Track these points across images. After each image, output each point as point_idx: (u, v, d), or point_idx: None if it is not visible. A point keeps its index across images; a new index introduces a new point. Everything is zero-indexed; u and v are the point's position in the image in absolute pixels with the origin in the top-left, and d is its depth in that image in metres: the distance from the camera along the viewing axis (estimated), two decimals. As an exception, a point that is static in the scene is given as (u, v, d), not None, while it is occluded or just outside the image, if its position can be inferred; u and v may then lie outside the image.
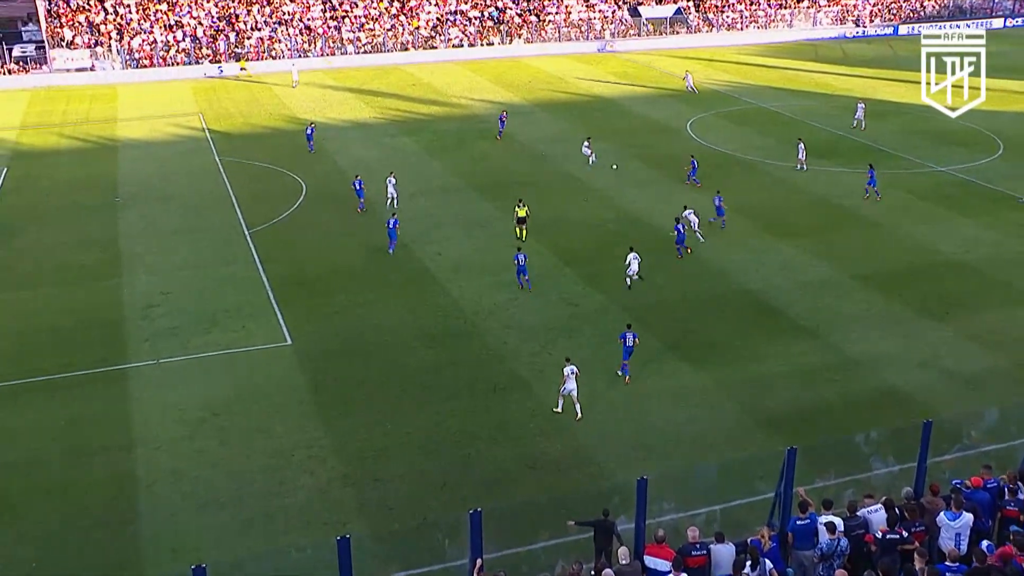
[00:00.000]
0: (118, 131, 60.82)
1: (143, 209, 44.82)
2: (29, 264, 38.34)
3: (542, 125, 60.28)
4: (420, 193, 45.73)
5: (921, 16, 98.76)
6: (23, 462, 24.76)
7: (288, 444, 25.28)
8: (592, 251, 38.31)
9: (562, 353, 29.69)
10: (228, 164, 51.89)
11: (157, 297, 34.68)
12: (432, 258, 38.00)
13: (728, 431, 25.94)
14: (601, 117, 62.12)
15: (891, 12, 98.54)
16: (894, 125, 58.59)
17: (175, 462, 24.57)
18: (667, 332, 31.43)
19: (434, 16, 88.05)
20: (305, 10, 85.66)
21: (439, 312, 33.31)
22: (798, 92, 69.05)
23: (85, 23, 79.84)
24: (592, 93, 70.08)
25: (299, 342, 31.03)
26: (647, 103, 65.84)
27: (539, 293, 34.45)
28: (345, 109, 65.67)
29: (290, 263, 37.79)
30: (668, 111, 63.07)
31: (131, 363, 29.82)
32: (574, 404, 26.48)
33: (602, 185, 47.16)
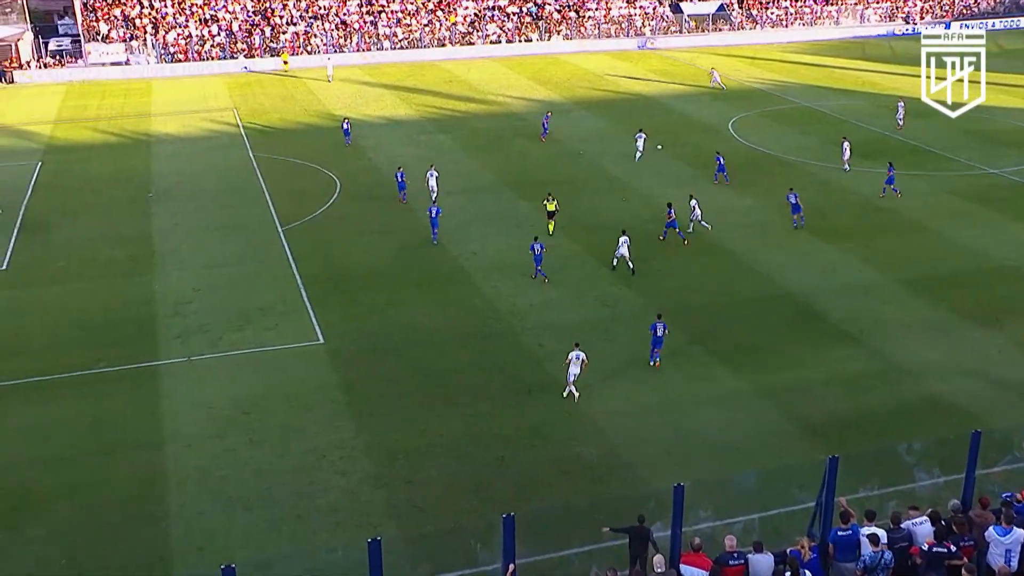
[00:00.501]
0: (152, 126, 61.56)
1: (176, 205, 45.32)
2: (61, 259, 38.89)
3: (580, 123, 60.17)
4: (456, 191, 45.79)
5: (975, 12, 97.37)
6: (52, 458, 25.09)
7: (319, 444, 25.42)
8: (631, 253, 38.07)
9: (599, 355, 29.61)
10: (262, 160, 52.33)
11: (189, 294, 35.04)
12: (467, 257, 38.06)
13: (767, 438, 25.71)
14: (641, 116, 61.79)
15: (943, 8, 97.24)
16: (943, 125, 57.76)
17: (204, 460, 24.79)
18: (705, 335, 31.23)
19: (471, 12, 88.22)
20: (341, 5, 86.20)
21: (473, 312, 33.35)
22: (844, 91, 68.37)
23: (120, 17, 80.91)
24: (632, 91, 69.84)
25: (331, 341, 31.20)
26: (688, 102, 65.53)
27: (575, 294, 34.39)
28: (381, 106, 65.97)
29: (323, 261, 38.01)
30: (710, 110, 62.73)
31: (162, 360, 30.14)
32: (569, 386, 27.36)
33: (641, 184, 46.98)
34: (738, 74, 74.99)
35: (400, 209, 43.51)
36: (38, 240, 41.09)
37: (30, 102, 69.33)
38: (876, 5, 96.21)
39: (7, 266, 38.15)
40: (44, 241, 41.03)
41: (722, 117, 60.52)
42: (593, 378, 28.51)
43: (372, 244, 39.77)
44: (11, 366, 29.78)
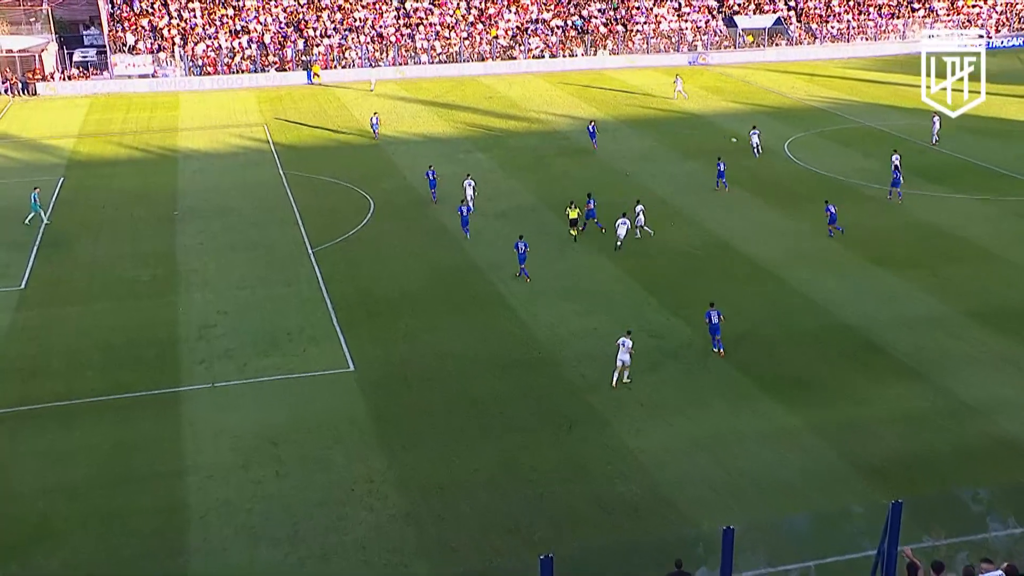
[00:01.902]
0: (179, 141, 62.64)
1: (202, 223, 46.01)
2: (82, 278, 39.60)
3: (627, 142, 60.33)
4: (494, 213, 46.06)
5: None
6: (69, 486, 25.48)
7: (348, 477, 25.59)
8: (678, 279, 38.16)
9: (642, 387, 29.66)
10: (292, 178, 53.01)
11: (214, 316, 35.50)
12: (505, 282, 38.23)
13: (823, 479, 25.49)
14: (691, 135, 61.92)
15: (1021, 20, 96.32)
16: (1020, 147, 57.26)
17: (228, 492, 25.04)
18: (757, 368, 31.08)
19: (513, 25, 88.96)
20: (377, 17, 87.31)
21: (511, 340, 33.46)
22: (910, 110, 67.88)
23: (148, 28, 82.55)
24: (682, 109, 69.93)
25: (362, 368, 31.44)
26: (742, 121, 65.39)
27: (620, 322, 34.34)
28: (417, 122, 66.61)
29: (355, 284, 38.37)
30: (764, 130, 62.47)
31: (185, 386, 30.55)
32: (622, 375, 29.52)
33: (690, 207, 47.00)
34: (795, 92, 74.85)
35: (436, 230, 43.83)
36: (58, 258, 41.89)
37: (53, 115, 70.85)
38: (947, 18, 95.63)
39: (25, 285, 38.91)
40: (65, 259, 41.81)
41: (777, 137, 60.37)
42: (636, 412, 28.50)
43: (406, 266, 40.09)
44: (28, 390, 30.34)
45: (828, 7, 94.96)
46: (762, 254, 40.64)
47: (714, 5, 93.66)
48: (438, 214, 45.63)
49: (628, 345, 29.92)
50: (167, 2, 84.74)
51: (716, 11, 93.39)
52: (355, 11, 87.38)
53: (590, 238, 42.55)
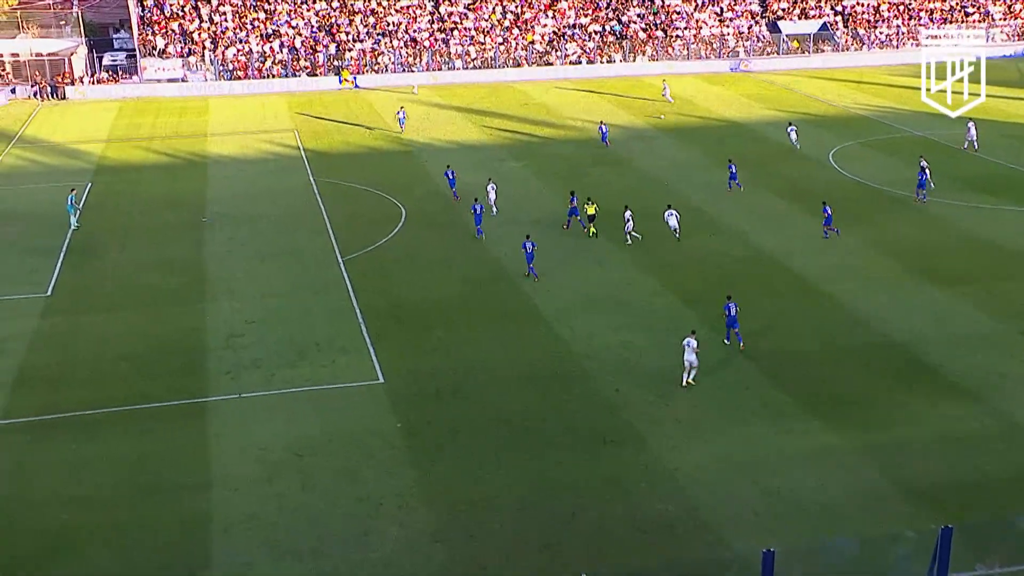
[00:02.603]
0: (208, 146, 63.24)
1: (231, 230, 46.38)
2: (109, 286, 40.01)
3: (666, 151, 60.18)
4: (529, 222, 46.04)
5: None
6: (91, 497, 25.69)
7: (376, 491, 25.62)
8: (717, 292, 37.88)
9: (681, 404, 29.55)
10: (323, 185, 53.33)
11: (242, 326, 35.73)
12: (540, 293, 38.20)
13: (867, 501, 25.19)
14: (732, 143, 61.62)
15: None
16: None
17: (252, 506, 25.14)
18: (799, 385, 30.82)
19: (550, 30, 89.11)
20: (411, 21, 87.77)
21: (545, 353, 33.42)
22: (960, 119, 67.16)
23: (178, 31, 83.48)
24: (723, 116, 69.69)
25: (392, 380, 31.51)
26: (784, 129, 65.05)
27: (657, 336, 34.24)
28: (450, 129, 66.83)
29: (385, 294, 38.50)
30: (808, 138, 62.20)
31: (211, 396, 30.75)
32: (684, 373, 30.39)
33: (729, 218, 46.76)
34: (841, 99, 74.35)
35: (468, 239, 43.92)
36: (85, 265, 42.35)
37: (82, 119, 71.80)
38: (1003, 23, 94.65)
39: (51, 292, 39.36)
40: (91, 266, 42.28)
41: (821, 146, 59.98)
42: (673, 429, 28.35)
43: (438, 276, 40.18)
44: (53, 398, 30.65)
45: (877, 12, 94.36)
46: (805, 267, 40.35)
47: (757, 10, 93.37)
48: (471, 223, 45.68)
49: (693, 345, 30.58)
50: (198, 5, 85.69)
51: (759, 16, 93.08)
52: (388, 15, 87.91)
53: (628, 249, 42.43)
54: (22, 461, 27.36)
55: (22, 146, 64.22)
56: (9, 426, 29.14)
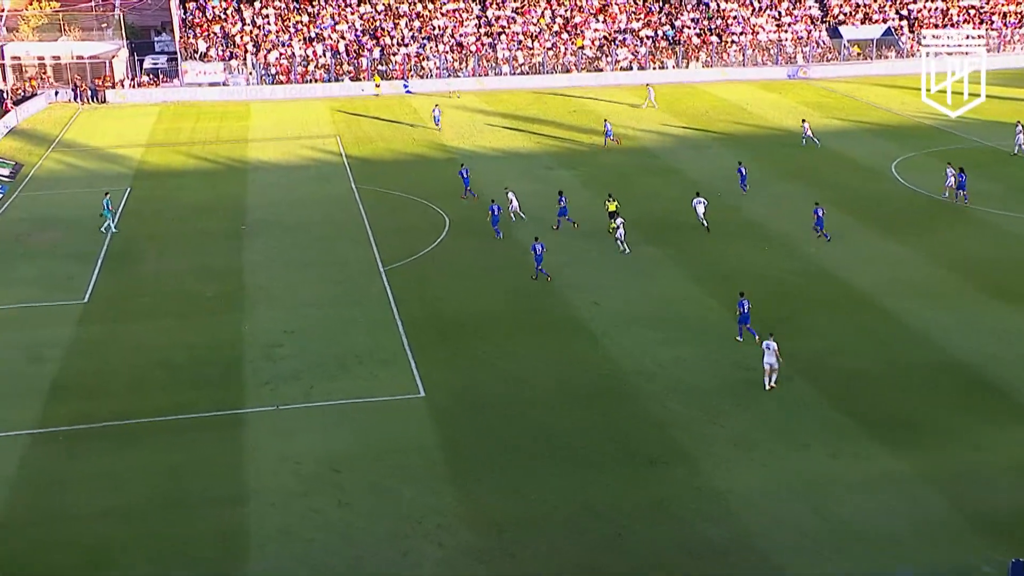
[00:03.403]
0: (249, 152, 63.91)
1: (271, 238, 46.79)
2: (146, 293, 40.51)
3: (718, 161, 59.86)
4: (577, 233, 46.02)
5: None
6: (126, 509, 25.96)
7: (415, 509, 25.64)
8: (772, 308, 37.59)
9: (734, 424, 29.35)
10: (365, 193, 53.65)
11: (280, 336, 35.99)
12: (587, 307, 38.11)
13: (932, 531, 24.79)
14: (788, 153, 61.22)
15: None
16: None
17: (289, 521, 25.26)
18: (859, 407, 30.42)
19: (601, 35, 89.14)
20: (457, 25, 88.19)
21: (592, 368, 33.32)
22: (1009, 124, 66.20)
23: (220, 34, 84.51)
24: (779, 125, 69.25)
25: (433, 394, 31.56)
26: (845, 138, 64.56)
27: (709, 353, 34.02)
28: (497, 137, 67.00)
29: (427, 305, 38.61)
30: (870, 148, 61.63)
31: (248, 408, 30.98)
32: (767, 376, 30.86)
33: (784, 231, 46.38)
34: (905, 108, 73.55)
35: (513, 250, 43.91)
36: (123, 271, 42.92)
37: (121, 124, 72.87)
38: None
39: (88, 298, 39.91)
40: (129, 272, 42.84)
41: (883, 157, 59.38)
42: (726, 450, 28.11)
43: (482, 288, 40.23)
44: (88, 408, 31.04)
45: (945, 16, 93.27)
46: (865, 282, 39.89)
47: (817, 14, 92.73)
48: (517, 233, 45.73)
49: (774, 347, 30.94)
50: (240, 8, 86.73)
51: (819, 21, 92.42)
52: (434, 19, 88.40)
53: (679, 262, 42.24)
54: (58, 472, 27.71)
55: (61, 150, 65.31)
56: (45, 435, 29.53)
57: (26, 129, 71.15)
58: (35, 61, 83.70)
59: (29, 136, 69.02)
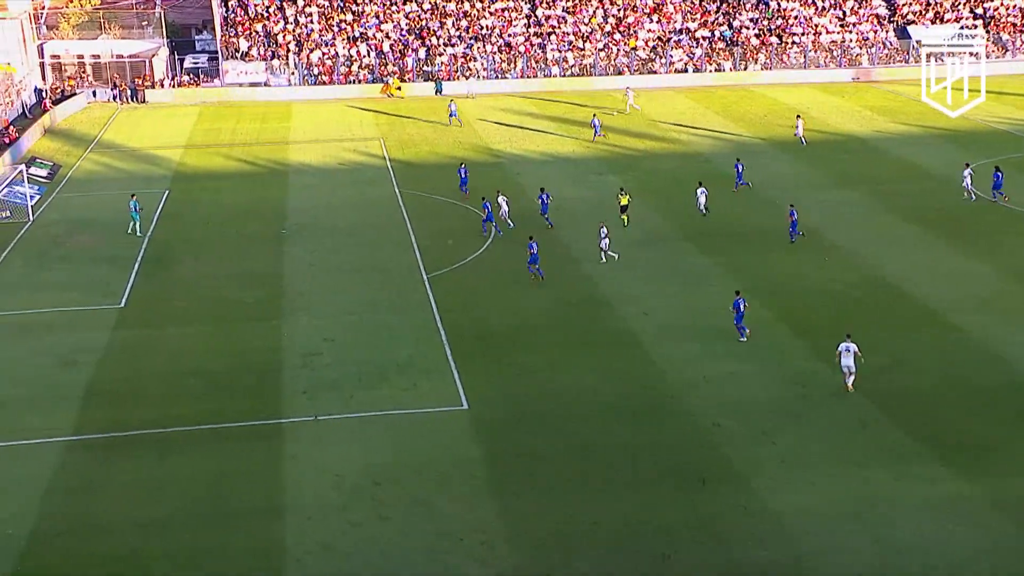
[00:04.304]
0: (290, 154, 64.67)
1: (311, 243, 47.33)
2: (183, 298, 41.14)
3: (776, 167, 59.70)
4: (627, 241, 46.08)
5: None
6: (160, 520, 26.37)
7: (456, 525, 25.84)
8: (829, 322, 37.45)
9: (787, 442, 29.25)
10: (409, 197, 54.06)
11: (320, 344, 36.40)
12: (636, 318, 38.17)
13: (1001, 559, 24.55)
14: (849, 160, 60.87)
15: None
16: None
17: (327, 535, 25.56)
18: (922, 426, 30.20)
19: (655, 35, 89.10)
20: (506, 25, 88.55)
21: (641, 382, 33.38)
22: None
23: (262, 33, 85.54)
24: (841, 131, 68.86)
25: (476, 407, 31.79)
26: (910, 145, 64.05)
27: (762, 367, 33.94)
28: (545, 140, 67.21)
29: (471, 314, 38.88)
30: (936, 155, 61.07)
31: (286, 417, 31.37)
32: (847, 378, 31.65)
33: (846, 241, 46.10)
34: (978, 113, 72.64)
35: (561, 258, 44.04)
36: (160, 275, 43.64)
37: (161, 124, 74.02)
38: None
39: (125, 303, 40.62)
40: (166, 277, 43.55)
41: (951, 164, 58.62)
42: (778, 469, 28.05)
43: (527, 297, 40.41)
44: (124, 415, 31.59)
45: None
46: (932, 297, 39.57)
47: (884, 14, 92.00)
48: (564, 240, 45.89)
49: (853, 348, 31.76)
50: (283, 6, 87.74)
51: (887, 20, 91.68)
52: (482, 18, 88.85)
53: (733, 272, 42.18)
54: (92, 480, 28.24)
55: (100, 151, 66.48)
56: (79, 443, 30.12)
57: (64, 129, 72.52)
58: (74, 60, 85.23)
59: (67, 136, 70.34)
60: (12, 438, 30.32)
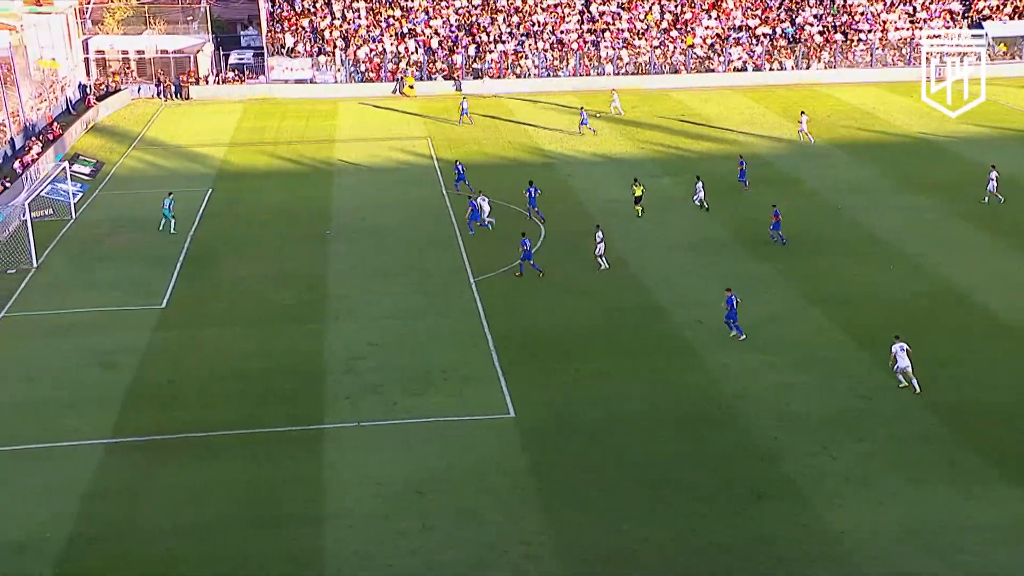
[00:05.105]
0: (335, 153, 65.16)
1: (356, 244, 47.60)
2: (224, 299, 41.55)
3: (840, 170, 59.20)
4: (681, 246, 45.91)
5: None
6: (199, 526, 26.62)
7: (501, 536, 25.82)
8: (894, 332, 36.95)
9: (849, 458, 28.93)
10: (456, 198, 54.18)
11: (363, 348, 36.58)
12: (691, 326, 37.97)
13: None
14: (918, 163, 60.19)
15: None
16: None
17: (369, 544, 25.64)
18: (993, 443, 29.72)
19: (713, 32, 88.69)
20: (559, 21, 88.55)
21: (694, 392, 33.20)
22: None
23: (308, 28, 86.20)
24: (908, 132, 68.16)
25: (523, 415, 31.78)
26: (985, 147, 63.10)
27: (823, 379, 33.62)
28: (597, 141, 67.12)
29: (519, 319, 38.89)
30: (1015, 159, 60.08)
31: (328, 423, 31.55)
32: (911, 380, 31.97)
33: (914, 249, 45.58)
34: None
35: (614, 263, 43.85)
36: (202, 276, 44.10)
37: (204, 121, 74.92)
38: None
39: (167, 304, 41.09)
40: (208, 277, 44.01)
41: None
42: (839, 486, 27.74)
43: (578, 303, 40.34)
44: (163, 418, 31.93)
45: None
46: (1001, 307, 39.00)
47: (958, 9, 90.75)
48: (615, 246, 45.73)
49: (907, 347, 32.45)
50: (330, 1, 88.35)
51: (960, 16, 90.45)
52: (534, 14, 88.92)
53: (792, 278, 41.85)
54: (131, 484, 28.55)
55: (143, 148, 67.41)
56: (118, 445, 30.48)
57: (108, 126, 73.61)
58: (119, 55, 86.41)
59: (111, 133, 71.40)
60: (52, 440, 30.73)
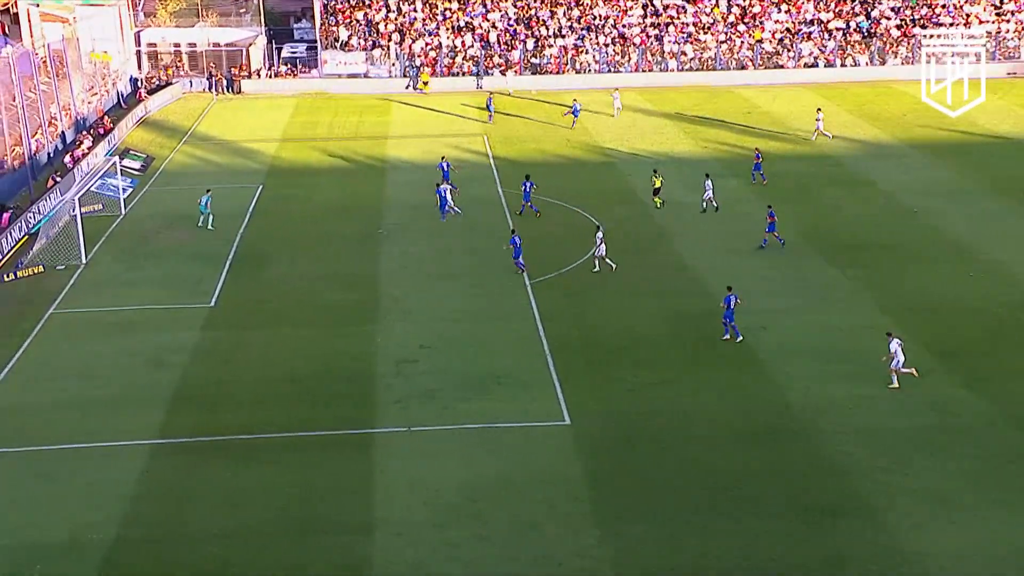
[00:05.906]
0: (388, 150, 65.38)
1: (409, 244, 47.69)
2: (274, 299, 41.73)
3: (916, 172, 58.46)
4: (746, 250, 45.47)
5: None
6: (245, 531, 26.73)
7: (557, 549, 25.64)
8: (977, 344, 36.46)
9: (927, 475, 28.45)
10: (512, 197, 54.07)
11: (415, 351, 36.57)
12: (756, 333, 37.54)
13: None
14: (1001, 165, 59.20)
15: None
16: None
17: (420, 554, 25.57)
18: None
19: (783, 26, 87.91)
20: (621, 15, 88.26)
21: (760, 403, 32.83)
22: None
23: (363, 21, 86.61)
24: (992, 131, 67.15)
25: (579, 423, 31.57)
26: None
27: (897, 393, 33.07)
28: (659, 139, 66.79)
29: (577, 324, 38.69)
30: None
31: (378, 427, 31.57)
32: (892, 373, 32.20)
33: (997, 254, 44.77)
34: None
35: (675, 267, 43.66)
36: (251, 275, 44.36)
37: (256, 116, 75.62)
38: None
39: (215, 302, 41.37)
40: (257, 276, 44.26)
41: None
42: (914, 504, 27.25)
43: (638, 308, 40.07)
44: (210, 420, 32.15)
45: None
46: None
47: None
48: (678, 249, 45.42)
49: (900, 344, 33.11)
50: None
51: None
52: (595, 7, 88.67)
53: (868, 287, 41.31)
54: (177, 486, 28.75)
55: (194, 143, 68.09)
56: (165, 446, 30.72)
57: (159, 120, 74.45)
58: (171, 48, 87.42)
59: (161, 127, 72.20)
60: (99, 439, 31.05)
